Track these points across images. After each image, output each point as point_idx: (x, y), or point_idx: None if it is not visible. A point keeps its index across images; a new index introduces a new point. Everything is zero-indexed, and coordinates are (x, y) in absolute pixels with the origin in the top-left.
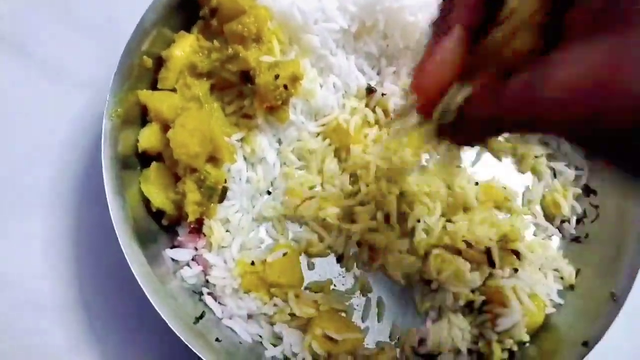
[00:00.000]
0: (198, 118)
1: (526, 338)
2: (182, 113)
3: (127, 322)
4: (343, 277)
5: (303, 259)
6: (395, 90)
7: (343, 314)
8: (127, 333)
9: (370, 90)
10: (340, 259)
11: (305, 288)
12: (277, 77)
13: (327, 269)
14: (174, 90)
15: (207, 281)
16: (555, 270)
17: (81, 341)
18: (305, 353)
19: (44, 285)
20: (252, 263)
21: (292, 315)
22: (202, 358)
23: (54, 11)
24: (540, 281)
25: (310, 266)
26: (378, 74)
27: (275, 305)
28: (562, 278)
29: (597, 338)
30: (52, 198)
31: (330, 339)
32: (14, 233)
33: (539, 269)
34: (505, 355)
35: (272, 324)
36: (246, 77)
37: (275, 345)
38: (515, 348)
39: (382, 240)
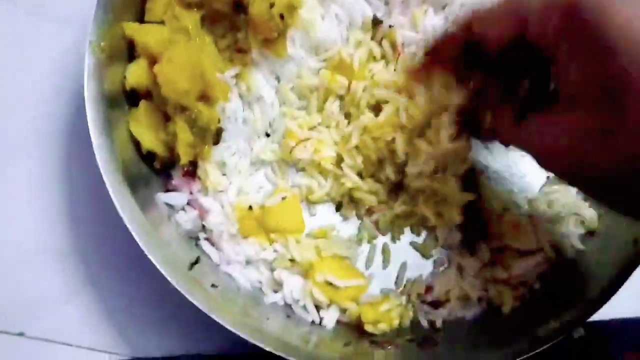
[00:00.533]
0: (187, 52)
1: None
2: (170, 47)
3: (122, 266)
4: (347, 223)
5: (304, 206)
6: (403, 22)
7: (346, 261)
8: (123, 278)
9: (376, 22)
10: (338, 207)
11: (307, 235)
12: (272, 5)
13: (329, 215)
14: (162, 22)
15: (203, 226)
16: (576, 214)
17: (75, 286)
18: (307, 299)
19: (35, 233)
20: (250, 208)
21: (292, 261)
22: (195, 303)
23: None
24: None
25: (312, 212)
26: (386, 4)
27: (275, 251)
28: (583, 223)
29: (617, 285)
30: (38, 141)
31: (332, 285)
32: (1, 181)
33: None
34: (517, 303)
35: (272, 270)
36: (238, 5)
37: (275, 291)
38: (527, 295)
39: (373, 201)
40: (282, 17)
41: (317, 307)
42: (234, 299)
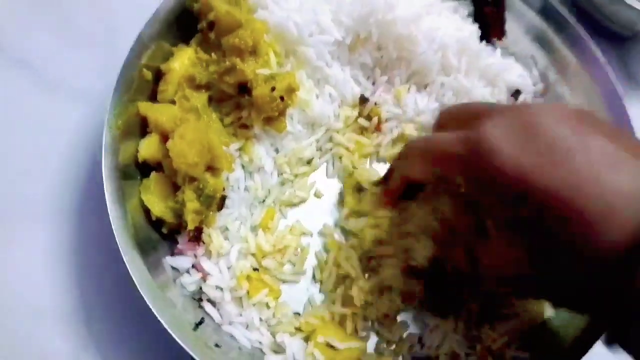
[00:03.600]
0: (197, 129)
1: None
2: (181, 124)
3: (127, 329)
4: None
5: None
6: (387, 99)
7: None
8: (128, 340)
9: (363, 100)
10: None
11: None
12: (273, 89)
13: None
14: (173, 102)
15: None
16: None
17: (82, 348)
18: None
19: (45, 293)
20: (256, 269)
21: (298, 329)
22: None
23: (52, 22)
24: None
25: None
26: (373, 84)
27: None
28: None
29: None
30: (53, 209)
31: (332, 347)
32: (15, 244)
33: None
34: None
35: (273, 334)
36: (243, 89)
37: (276, 352)
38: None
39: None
40: (282, 98)
41: None
42: (236, 358)
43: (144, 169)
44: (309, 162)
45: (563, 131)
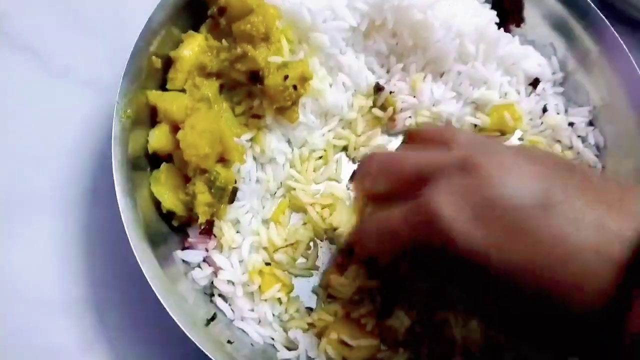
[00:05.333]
0: (207, 119)
1: None
2: (192, 114)
3: (138, 322)
4: None
5: None
6: (403, 88)
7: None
8: (139, 334)
9: (378, 89)
10: None
11: None
12: (286, 77)
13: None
14: (183, 90)
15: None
16: None
17: (92, 342)
18: (322, 357)
19: (55, 286)
20: (268, 264)
21: (311, 324)
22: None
23: (60, 9)
24: None
25: None
26: (387, 72)
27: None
28: None
29: None
30: (62, 199)
31: (346, 344)
32: (24, 235)
33: None
34: None
35: (285, 330)
36: (255, 77)
37: (288, 348)
38: None
39: None
40: (295, 87)
41: None
42: (248, 355)
43: (154, 160)
44: (321, 157)
45: (520, 196)
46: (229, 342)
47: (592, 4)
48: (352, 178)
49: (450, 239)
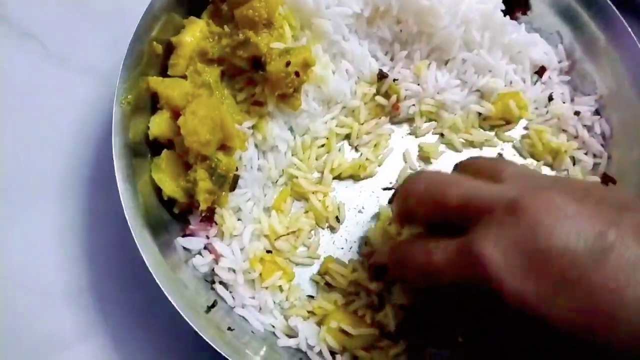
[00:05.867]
0: (209, 105)
1: None
2: (193, 100)
3: (138, 309)
4: None
5: None
6: (407, 75)
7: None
8: (139, 320)
9: (382, 76)
10: None
11: None
12: (288, 64)
13: None
14: (184, 76)
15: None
16: None
17: (92, 327)
18: (322, 345)
19: (55, 272)
20: (269, 252)
21: (310, 312)
22: (214, 346)
23: None
24: None
25: None
26: (391, 59)
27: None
28: None
29: None
30: (63, 185)
31: (346, 332)
32: (25, 221)
33: None
34: None
35: (285, 318)
36: (257, 63)
37: (288, 336)
38: None
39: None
40: (297, 74)
41: (332, 354)
42: (248, 342)
43: (155, 146)
44: (323, 145)
45: (572, 246)
46: (229, 329)
47: None
48: (393, 196)
49: (499, 289)
